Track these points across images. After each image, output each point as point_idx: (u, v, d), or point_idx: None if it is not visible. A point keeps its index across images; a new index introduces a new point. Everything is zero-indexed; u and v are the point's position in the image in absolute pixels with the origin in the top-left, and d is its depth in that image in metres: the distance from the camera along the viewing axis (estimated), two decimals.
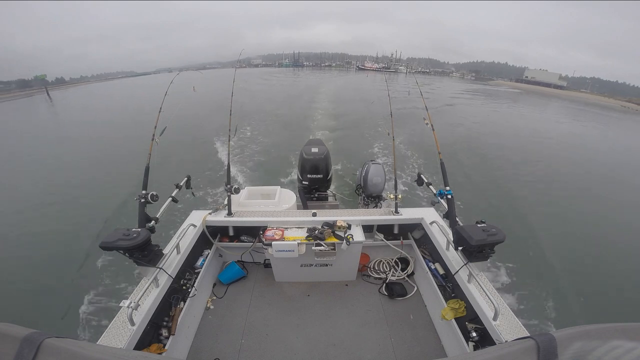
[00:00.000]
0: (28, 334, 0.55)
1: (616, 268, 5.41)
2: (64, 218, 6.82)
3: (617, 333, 0.55)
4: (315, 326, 2.57)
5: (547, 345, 0.54)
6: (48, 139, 15.40)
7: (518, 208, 7.41)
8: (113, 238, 1.93)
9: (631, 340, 0.53)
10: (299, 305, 2.78)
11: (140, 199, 2.36)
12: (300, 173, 4.12)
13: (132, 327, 1.77)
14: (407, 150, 10.97)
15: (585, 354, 0.52)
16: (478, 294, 2.03)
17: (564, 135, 17.99)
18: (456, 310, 2.20)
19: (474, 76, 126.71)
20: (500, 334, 1.74)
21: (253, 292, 2.93)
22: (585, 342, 0.54)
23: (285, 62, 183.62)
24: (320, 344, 2.42)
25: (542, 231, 6.31)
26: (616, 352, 0.52)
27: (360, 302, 2.81)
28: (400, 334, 2.50)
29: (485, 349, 0.62)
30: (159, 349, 2.00)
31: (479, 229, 2.04)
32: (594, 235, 6.54)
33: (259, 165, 9.45)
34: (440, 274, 2.56)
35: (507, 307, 1.91)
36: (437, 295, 2.45)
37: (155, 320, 2.04)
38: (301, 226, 2.77)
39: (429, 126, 2.87)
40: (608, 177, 10.62)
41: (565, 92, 74.91)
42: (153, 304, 2.00)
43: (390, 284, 2.91)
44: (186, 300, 2.37)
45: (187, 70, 37.23)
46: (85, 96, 42.48)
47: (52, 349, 0.55)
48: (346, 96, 27.67)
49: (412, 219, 3.00)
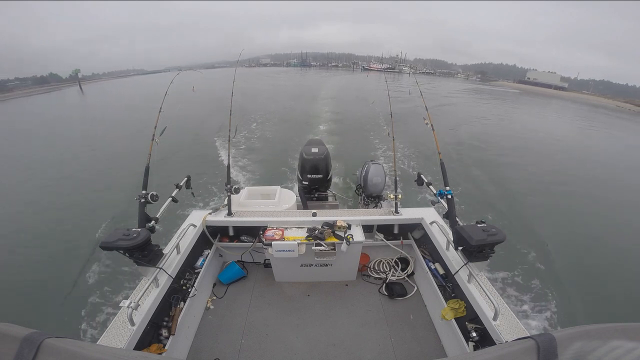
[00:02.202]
0: (28, 334, 0.55)
1: (616, 268, 5.41)
2: (63, 218, 6.82)
3: (617, 333, 0.55)
4: (315, 326, 2.57)
5: (547, 345, 0.54)
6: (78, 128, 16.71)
7: (518, 208, 7.41)
8: (113, 238, 1.92)
9: (631, 340, 0.53)
10: (299, 305, 2.78)
11: (140, 199, 2.36)
12: (300, 173, 4.12)
13: (132, 327, 1.77)
14: (407, 149, 11.00)
15: (585, 354, 0.52)
16: (478, 294, 2.03)
17: (550, 131, 19.36)
18: (456, 310, 2.20)
19: (479, 77, 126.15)
20: (500, 334, 1.74)
21: (253, 292, 2.93)
22: (585, 342, 0.54)
23: (293, 62, 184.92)
24: (320, 344, 2.42)
25: (543, 231, 6.31)
26: (616, 352, 0.52)
27: (360, 302, 2.81)
28: (400, 334, 2.49)
29: (485, 349, 0.62)
30: (159, 349, 2.00)
31: (479, 229, 2.04)
32: (594, 235, 6.54)
33: (259, 165, 9.45)
34: (440, 274, 2.56)
35: (507, 307, 1.91)
36: (437, 295, 2.45)
37: (155, 320, 2.04)
38: (301, 226, 2.77)
39: (428, 126, 2.87)
40: (603, 173, 10.87)
41: (565, 93, 75.55)
42: (153, 304, 2.00)
43: (390, 284, 2.91)
44: (186, 300, 2.37)
45: (188, 70, 39.58)
46: (101, 94, 47.05)
47: (52, 349, 0.55)
48: (347, 96, 27.73)
49: (412, 219, 3.00)
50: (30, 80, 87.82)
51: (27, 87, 70.95)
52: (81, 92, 49.60)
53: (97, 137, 14.72)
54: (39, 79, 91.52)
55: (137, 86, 54.57)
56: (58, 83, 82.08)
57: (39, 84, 79.55)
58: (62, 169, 10.23)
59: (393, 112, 3.52)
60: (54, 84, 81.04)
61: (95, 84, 68.93)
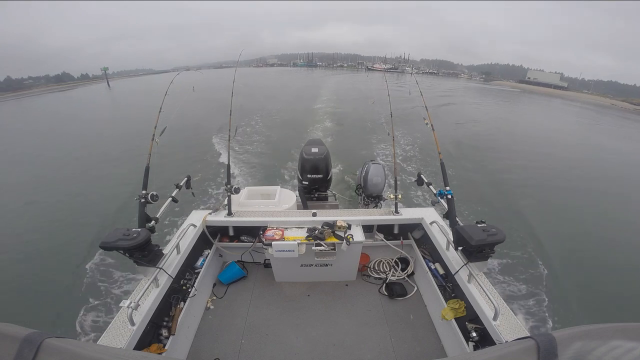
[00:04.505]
0: (28, 334, 0.55)
1: (617, 268, 5.41)
2: (63, 218, 6.82)
3: (617, 333, 0.55)
4: (315, 326, 2.57)
5: (547, 345, 0.54)
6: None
7: (518, 207, 7.41)
8: (113, 238, 1.92)
9: (631, 340, 0.53)
10: (299, 305, 2.78)
11: (140, 199, 2.36)
12: (300, 173, 4.11)
13: (132, 327, 1.77)
14: (407, 146, 11.02)
15: (585, 354, 0.52)
16: (478, 294, 2.03)
17: (534, 123, 21.87)
18: (456, 310, 2.20)
19: (483, 77, 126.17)
20: (500, 334, 1.74)
21: (253, 292, 2.93)
22: (585, 342, 0.54)
23: (300, 62, 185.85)
24: (320, 344, 2.42)
25: (543, 231, 6.31)
26: (616, 352, 0.52)
27: (360, 302, 2.81)
28: (400, 334, 2.49)
29: (485, 349, 0.62)
30: (159, 349, 2.00)
31: (479, 229, 2.04)
32: (595, 235, 6.54)
33: (259, 165, 9.45)
34: (440, 274, 2.56)
35: (507, 307, 1.91)
36: (437, 295, 2.45)
37: (155, 320, 2.04)
38: (301, 226, 2.77)
39: (428, 126, 2.87)
40: (598, 170, 11.10)
41: (564, 92, 76.30)
42: (153, 304, 2.00)
43: (390, 284, 2.91)
44: (186, 300, 2.37)
45: (189, 70, 42.75)
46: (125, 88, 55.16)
47: (52, 349, 0.55)
48: (348, 96, 27.77)
49: (412, 219, 3.00)
50: (44, 79, 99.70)
51: (44, 85, 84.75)
52: (108, 87, 60.59)
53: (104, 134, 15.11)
54: (55, 77, 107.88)
55: (151, 83, 60.32)
56: (80, 81, 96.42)
57: (56, 82, 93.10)
58: (65, 165, 10.26)
59: (394, 113, 3.51)
60: (70, 82, 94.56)
61: (118, 81, 79.37)
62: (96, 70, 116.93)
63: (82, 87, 71.43)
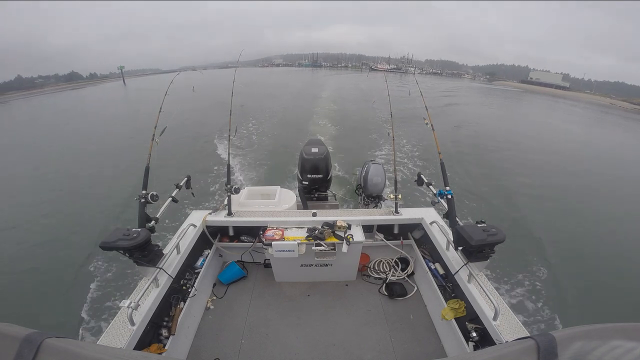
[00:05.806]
0: (28, 334, 0.55)
1: (617, 268, 5.40)
2: (63, 217, 6.82)
3: (617, 333, 0.55)
4: (315, 326, 2.57)
5: (547, 345, 0.54)
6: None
7: (518, 208, 7.41)
8: (113, 238, 1.92)
9: (631, 340, 0.53)
10: (299, 305, 2.78)
11: (140, 199, 2.36)
12: (300, 173, 4.11)
13: (132, 327, 1.77)
14: (407, 145, 11.02)
15: (585, 354, 0.52)
16: (478, 294, 2.03)
17: (528, 120, 23.05)
18: (456, 310, 2.20)
19: (487, 78, 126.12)
20: (500, 334, 1.74)
21: (253, 292, 2.93)
22: (585, 342, 0.54)
23: (305, 62, 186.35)
24: (320, 344, 2.41)
25: (543, 231, 6.31)
26: (616, 352, 0.52)
27: (360, 302, 2.81)
28: (400, 334, 2.49)
29: (485, 349, 0.62)
30: (159, 349, 2.00)
31: (479, 229, 2.04)
32: (595, 234, 6.54)
33: (259, 165, 9.45)
34: (440, 274, 2.56)
35: (507, 307, 1.91)
36: (437, 295, 2.45)
37: (155, 320, 2.04)
38: (301, 226, 2.77)
39: (428, 126, 2.87)
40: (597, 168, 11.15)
41: (565, 92, 76.78)
42: (153, 304, 2.00)
43: (390, 284, 2.90)
44: (186, 300, 2.37)
45: (194, 70, 44.37)
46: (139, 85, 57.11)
47: (52, 349, 0.55)
48: (348, 95, 27.79)
49: (412, 219, 3.00)
50: (54, 77, 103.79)
51: (55, 84, 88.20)
52: (124, 84, 64.36)
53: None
54: (64, 76, 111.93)
55: (162, 82, 62.59)
56: (90, 80, 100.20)
57: (66, 81, 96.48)
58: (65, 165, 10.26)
59: (395, 113, 3.51)
60: (80, 81, 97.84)
61: (129, 80, 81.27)
62: (104, 69, 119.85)
63: (92, 86, 72.95)
